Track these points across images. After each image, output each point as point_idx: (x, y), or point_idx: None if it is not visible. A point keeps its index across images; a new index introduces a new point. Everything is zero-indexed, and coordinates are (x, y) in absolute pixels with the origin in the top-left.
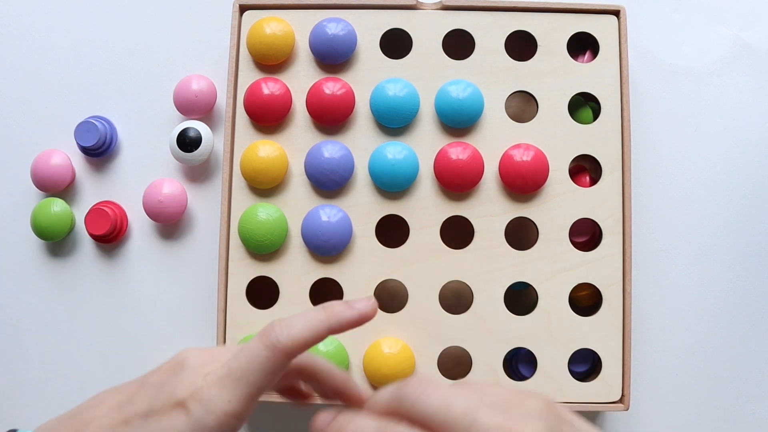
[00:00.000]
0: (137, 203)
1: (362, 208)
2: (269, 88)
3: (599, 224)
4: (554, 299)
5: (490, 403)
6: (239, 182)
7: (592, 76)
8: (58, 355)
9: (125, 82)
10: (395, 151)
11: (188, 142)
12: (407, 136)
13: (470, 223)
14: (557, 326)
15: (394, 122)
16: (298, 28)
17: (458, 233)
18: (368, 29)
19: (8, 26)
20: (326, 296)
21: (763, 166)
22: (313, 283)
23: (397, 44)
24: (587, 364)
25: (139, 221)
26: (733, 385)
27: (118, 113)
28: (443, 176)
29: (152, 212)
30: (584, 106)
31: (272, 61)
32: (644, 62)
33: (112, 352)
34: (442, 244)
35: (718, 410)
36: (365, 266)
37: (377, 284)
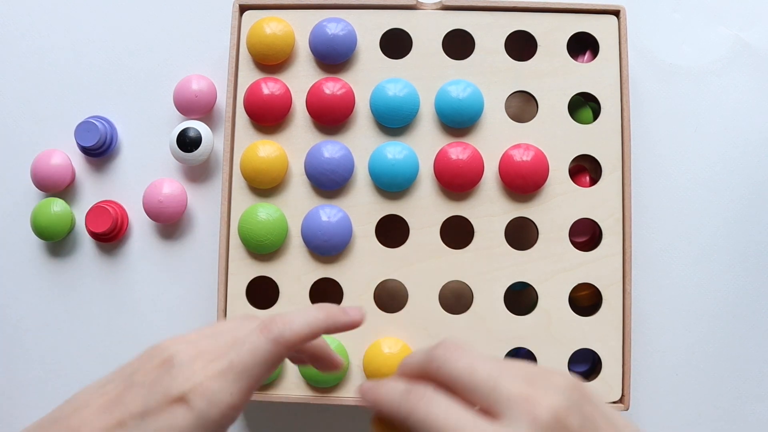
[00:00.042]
0: (137, 203)
1: (362, 208)
2: (269, 88)
3: (599, 224)
4: (554, 299)
5: (514, 373)
6: (239, 182)
7: (592, 76)
8: (58, 355)
9: (125, 82)
10: (395, 151)
11: (188, 142)
12: (407, 136)
13: (470, 223)
14: (557, 326)
15: (394, 122)
16: (298, 28)
17: (458, 233)
18: (368, 29)
19: (8, 26)
20: (326, 296)
21: (763, 166)
22: (313, 283)
23: (397, 44)
24: (587, 364)
25: (139, 221)
26: (733, 385)
27: (118, 113)
28: (443, 176)
29: (152, 212)
30: (584, 106)
31: (272, 61)
32: (644, 62)
33: (112, 352)
34: (442, 244)
35: (718, 410)
36: (365, 266)
37: (377, 284)
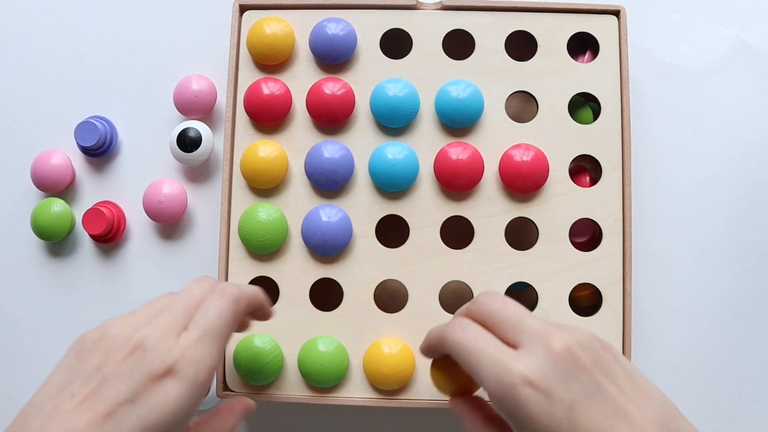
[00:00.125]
0: (137, 203)
1: (362, 208)
2: (269, 88)
3: (599, 224)
4: (554, 299)
5: (542, 318)
6: (239, 182)
7: (592, 76)
8: (58, 355)
9: (125, 82)
10: (395, 151)
11: (188, 142)
12: (407, 136)
13: (470, 223)
14: None
15: (394, 122)
16: (298, 28)
17: (458, 233)
18: (368, 29)
19: (8, 26)
20: (326, 296)
21: (763, 166)
22: (313, 283)
23: (397, 44)
24: None
25: (138, 221)
26: (733, 385)
27: (118, 113)
28: (443, 176)
29: (152, 212)
30: (584, 106)
31: (272, 61)
32: (644, 62)
33: None
34: (442, 244)
35: (718, 410)
36: (365, 266)
37: (377, 284)
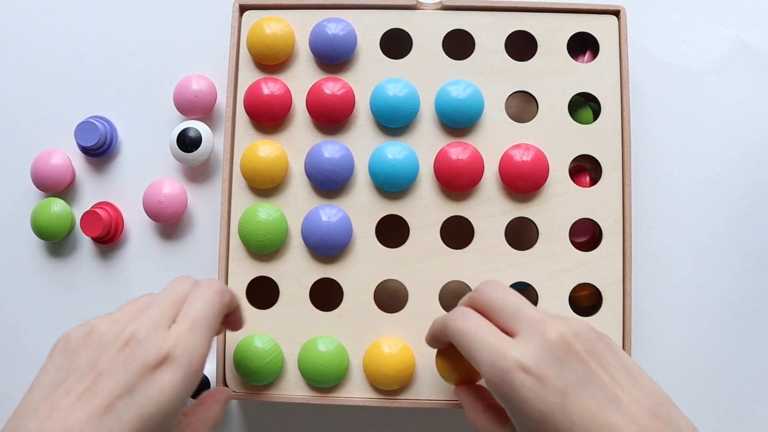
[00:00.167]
0: (137, 203)
1: (362, 208)
2: (269, 88)
3: (599, 224)
4: (554, 299)
5: (541, 309)
6: (239, 182)
7: (592, 76)
8: None
9: (125, 82)
10: (395, 151)
11: (188, 142)
12: (407, 136)
13: (470, 223)
14: None
15: (394, 122)
16: (298, 28)
17: (458, 233)
18: (368, 29)
19: (8, 26)
20: (326, 296)
21: (763, 166)
22: (313, 283)
23: (397, 44)
24: None
25: (138, 221)
26: (733, 385)
27: (118, 113)
28: (443, 176)
29: (152, 212)
30: (584, 106)
31: (272, 61)
32: (644, 62)
33: None
34: (442, 244)
35: (718, 410)
36: (365, 266)
37: (377, 284)
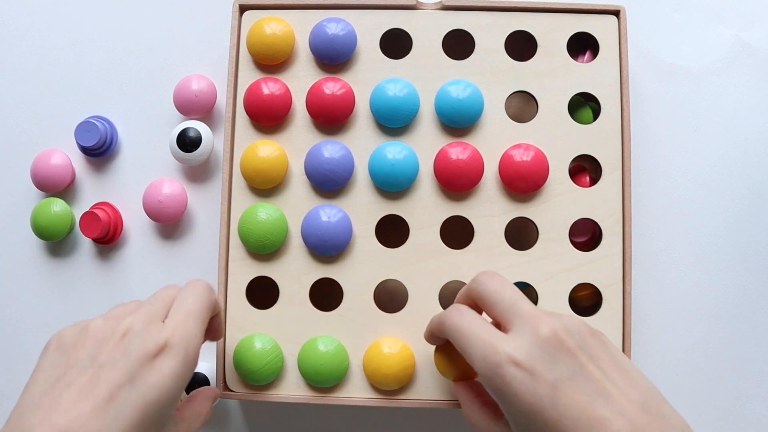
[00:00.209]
0: (137, 203)
1: (362, 208)
2: (269, 88)
3: (599, 224)
4: (554, 299)
5: (536, 305)
6: (239, 182)
7: (592, 76)
8: None
9: (125, 82)
10: (395, 151)
11: (188, 142)
12: (407, 136)
13: (470, 223)
14: None
15: (394, 122)
16: (298, 28)
17: (458, 233)
18: (368, 29)
19: (8, 26)
20: (326, 296)
21: (763, 166)
22: (313, 283)
23: (397, 44)
24: None
25: (138, 221)
26: (733, 385)
27: (118, 113)
28: (443, 176)
29: (152, 212)
30: (584, 106)
31: (272, 61)
32: (644, 62)
33: None
34: (442, 244)
35: (718, 410)
36: (365, 266)
37: (377, 284)
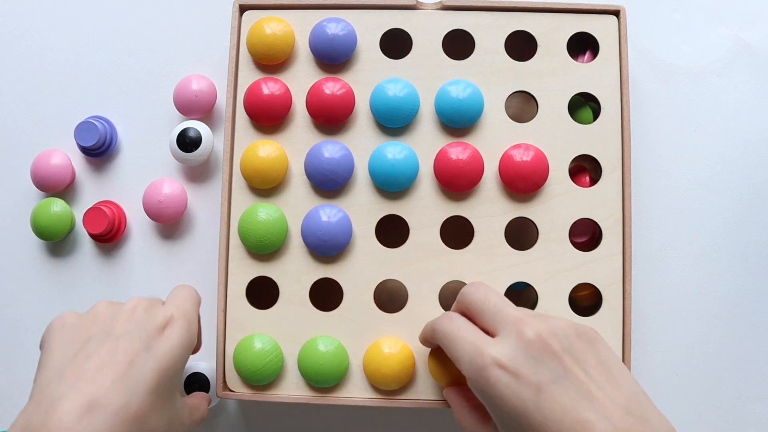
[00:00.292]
0: (137, 203)
1: (362, 208)
2: (269, 88)
3: (599, 224)
4: (554, 299)
5: (521, 308)
6: (239, 182)
7: (592, 76)
8: None
9: (125, 82)
10: (395, 151)
11: (188, 142)
12: (407, 136)
13: (470, 223)
14: None
15: (394, 122)
16: (298, 28)
17: (458, 233)
18: (368, 29)
19: (8, 26)
20: (326, 296)
21: (763, 166)
22: (313, 283)
23: (397, 44)
24: None
25: (138, 221)
26: (733, 385)
27: (118, 113)
28: (443, 176)
29: (152, 212)
30: (584, 106)
31: (272, 61)
32: (644, 62)
33: None
34: (442, 244)
35: (718, 410)
36: (365, 266)
37: (377, 284)
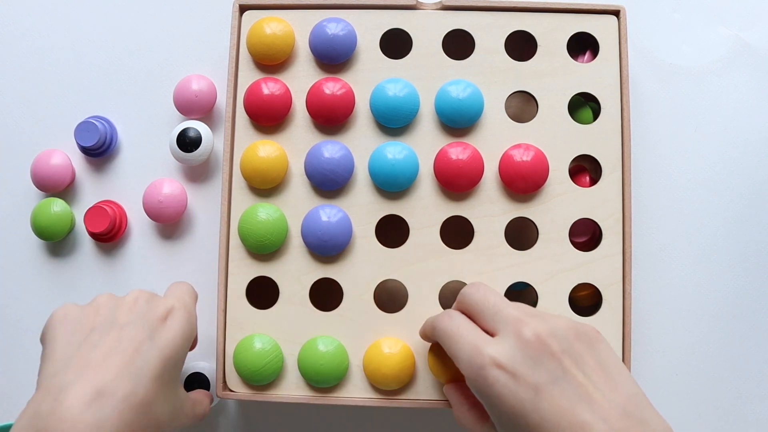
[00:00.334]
0: (137, 203)
1: (362, 208)
2: (269, 88)
3: (599, 224)
4: (554, 299)
5: (521, 307)
6: (239, 182)
7: (592, 76)
8: None
9: (125, 82)
10: (395, 151)
11: (188, 142)
12: (407, 136)
13: (470, 223)
14: None
15: (394, 122)
16: (298, 28)
17: (458, 233)
18: (368, 29)
19: (8, 26)
20: (326, 296)
21: (763, 166)
22: (313, 283)
23: (397, 44)
24: None
25: (139, 221)
26: (733, 385)
27: (118, 113)
28: (443, 176)
29: (152, 212)
30: (584, 106)
31: (272, 61)
32: (644, 62)
33: None
34: (442, 244)
35: (718, 410)
36: (365, 266)
37: (377, 284)
